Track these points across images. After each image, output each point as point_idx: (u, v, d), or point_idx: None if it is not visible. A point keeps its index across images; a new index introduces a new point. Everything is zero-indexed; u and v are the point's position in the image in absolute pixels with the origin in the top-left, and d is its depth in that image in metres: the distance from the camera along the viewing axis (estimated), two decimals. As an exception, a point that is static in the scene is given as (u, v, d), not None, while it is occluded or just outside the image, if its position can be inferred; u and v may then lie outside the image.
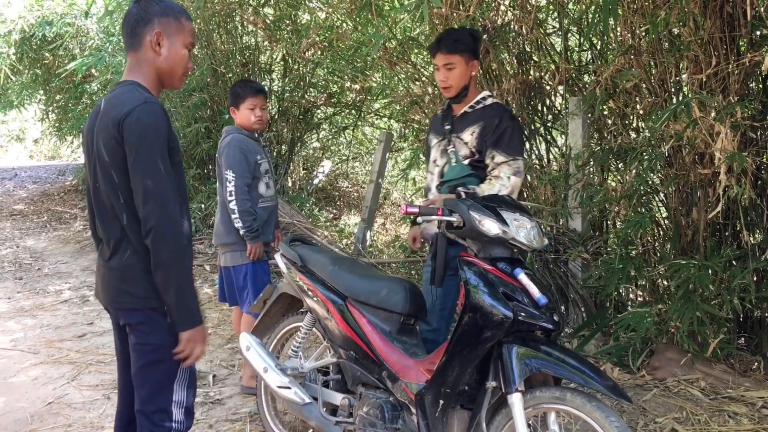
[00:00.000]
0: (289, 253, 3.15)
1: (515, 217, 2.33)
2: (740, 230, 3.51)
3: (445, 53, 2.91)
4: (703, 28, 3.34)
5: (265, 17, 6.66)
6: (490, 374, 2.28)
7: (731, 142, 3.07)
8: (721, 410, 3.29)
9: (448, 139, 3.04)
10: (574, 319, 4.46)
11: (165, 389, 2.14)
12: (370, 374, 2.71)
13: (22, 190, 13.98)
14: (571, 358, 2.16)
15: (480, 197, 2.52)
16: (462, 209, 2.35)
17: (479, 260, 2.36)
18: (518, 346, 2.20)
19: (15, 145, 20.01)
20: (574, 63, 4.48)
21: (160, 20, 2.08)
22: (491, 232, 2.29)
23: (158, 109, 2.02)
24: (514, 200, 2.54)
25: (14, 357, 4.53)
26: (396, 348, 2.69)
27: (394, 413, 2.59)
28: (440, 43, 2.92)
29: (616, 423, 2.04)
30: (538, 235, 2.37)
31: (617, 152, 4.04)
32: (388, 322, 2.77)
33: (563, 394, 2.15)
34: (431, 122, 3.16)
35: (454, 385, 2.35)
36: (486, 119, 2.99)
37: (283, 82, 7.69)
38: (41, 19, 7.68)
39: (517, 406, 2.15)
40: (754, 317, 3.80)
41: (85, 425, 3.49)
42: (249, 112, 3.66)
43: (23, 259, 7.69)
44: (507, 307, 2.21)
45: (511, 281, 2.29)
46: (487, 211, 2.33)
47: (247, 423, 3.43)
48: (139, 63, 2.12)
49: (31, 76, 10.44)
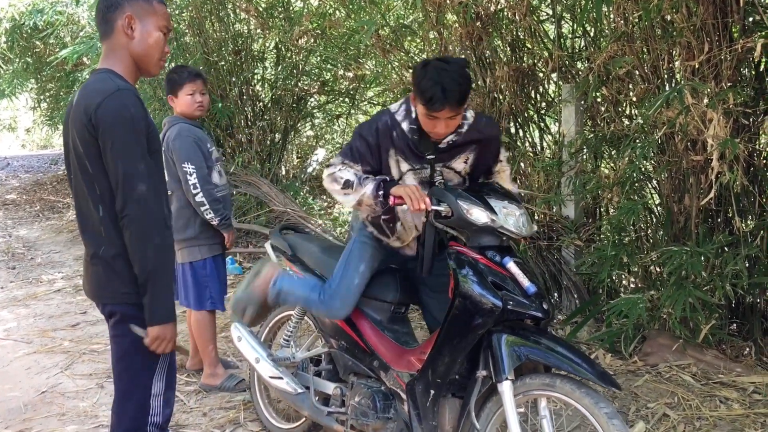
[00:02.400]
0: (279, 242, 3.13)
1: (504, 205, 2.30)
2: (732, 217, 3.52)
3: (455, 108, 2.30)
4: (695, 15, 3.33)
5: (257, 4, 6.61)
6: (481, 363, 2.27)
7: (724, 129, 3.06)
8: (713, 395, 3.31)
9: (431, 169, 2.52)
10: (567, 306, 4.47)
11: (143, 383, 2.13)
12: (362, 364, 2.71)
13: (14, 179, 13.91)
14: (561, 345, 2.17)
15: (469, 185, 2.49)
16: (450, 198, 2.31)
17: (468, 249, 2.34)
18: (508, 335, 2.21)
19: (7, 135, 19.86)
20: (567, 50, 4.47)
21: (130, 3, 2.04)
22: (480, 221, 2.27)
23: (132, 96, 1.98)
24: (502, 187, 2.51)
25: (7, 346, 4.53)
26: (387, 337, 2.69)
27: (385, 402, 2.59)
28: (447, 98, 2.25)
29: (606, 409, 2.04)
30: (527, 222, 2.35)
31: (610, 139, 4.04)
32: (379, 311, 2.77)
33: (553, 381, 2.15)
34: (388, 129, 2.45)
35: (445, 374, 2.35)
36: (479, 141, 2.54)
37: (275, 70, 7.65)
38: (32, 8, 7.61)
39: (507, 395, 2.15)
40: (746, 303, 3.82)
41: (79, 414, 3.49)
42: (189, 98, 3.50)
43: (16, 249, 7.66)
44: (496, 296, 2.21)
45: (501, 270, 2.27)
46: (475, 199, 2.30)
47: (241, 411, 3.44)
48: (113, 49, 2.07)
49: (22, 65, 10.36)
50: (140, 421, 2.14)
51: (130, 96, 1.98)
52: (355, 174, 2.46)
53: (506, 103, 4.49)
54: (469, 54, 4.65)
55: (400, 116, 2.47)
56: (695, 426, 3.07)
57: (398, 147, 2.46)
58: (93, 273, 2.12)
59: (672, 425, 3.08)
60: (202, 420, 3.39)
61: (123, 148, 1.94)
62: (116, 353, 2.15)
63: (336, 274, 2.70)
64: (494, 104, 4.57)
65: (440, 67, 2.27)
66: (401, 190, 2.33)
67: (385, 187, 2.39)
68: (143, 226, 1.96)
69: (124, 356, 2.13)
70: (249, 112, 7.61)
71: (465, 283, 2.27)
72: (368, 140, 2.46)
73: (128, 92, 1.98)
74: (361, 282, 2.66)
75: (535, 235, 4.42)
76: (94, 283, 2.13)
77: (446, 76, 2.24)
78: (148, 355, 2.09)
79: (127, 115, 1.95)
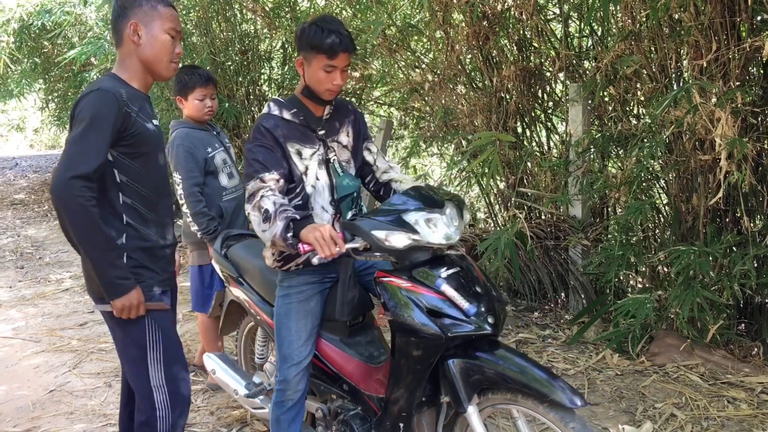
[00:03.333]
0: (222, 263, 3.00)
1: (424, 215, 2.13)
2: (740, 216, 3.50)
3: (350, 53, 2.37)
4: (703, 13, 3.32)
5: (264, 4, 6.62)
6: (441, 389, 2.19)
7: (732, 128, 3.05)
8: (720, 396, 3.30)
9: (325, 146, 2.49)
10: (574, 306, 4.47)
11: (140, 374, 2.22)
12: (333, 387, 2.61)
13: (22, 179, 13.98)
14: (518, 358, 2.05)
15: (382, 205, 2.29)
16: (362, 231, 2.13)
17: (396, 278, 2.17)
18: (462, 360, 2.08)
19: (15, 135, 19.99)
20: (574, 49, 4.46)
21: (135, 11, 2.13)
22: (400, 246, 2.09)
23: (109, 96, 2.03)
24: (422, 189, 2.28)
25: (16, 345, 4.55)
26: (349, 356, 2.54)
27: (364, 427, 2.48)
28: (343, 42, 2.33)
29: (572, 424, 1.92)
30: (456, 217, 2.18)
31: (617, 139, 4.02)
32: (336, 330, 2.58)
33: (514, 396, 2.04)
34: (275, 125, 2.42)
35: (408, 407, 2.23)
36: (348, 115, 2.61)
37: (282, 70, 7.65)
38: (40, 8, 7.64)
39: (475, 419, 2.08)
40: (755, 303, 3.80)
41: (87, 412, 3.50)
42: (198, 103, 3.43)
43: (24, 249, 7.70)
44: (435, 325, 2.06)
45: (436, 294, 2.10)
46: (388, 224, 2.10)
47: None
48: (123, 57, 2.17)
49: (30, 65, 10.41)
50: (148, 414, 2.22)
51: (107, 95, 2.02)
52: (273, 203, 2.25)
53: (513, 102, 4.49)
54: (476, 53, 4.65)
55: (276, 111, 2.46)
56: (703, 426, 3.05)
57: (291, 136, 2.43)
58: (84, 271, 2.24)
59: (679, 425, 3.07)
60: (209, 419, 3.40)
61: (78, 132, 1.99)
62: (117, 349, 2.29)
63: (276, 343, 2.54)
64: (501, 104, 4.57)
65: (326, 20, 2.35)
66: (311, 236, 2.10)
67: (294, 228, 2.17)
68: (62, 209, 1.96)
69: (122, 351, 2.25)
70: (256, 112, 7.62)
71: (399, 316, 2.12)
72: (265, 144, 2.37)
73: (107, 92, 2.02)
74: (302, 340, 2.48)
75: (542, 235, 4.42)
76: (87, 279, 2.23)
77: (336, 26, 2.33)
78: (137, 346, 2.19)
79: (98, 110, 2.00)
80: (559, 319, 4.46)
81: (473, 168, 4.56)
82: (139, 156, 2.13)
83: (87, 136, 1.97)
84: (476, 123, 4.78)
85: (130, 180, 2.13)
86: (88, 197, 1.94)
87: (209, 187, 3.46)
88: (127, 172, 2.12)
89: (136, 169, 2.14)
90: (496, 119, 4.58)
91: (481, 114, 4.69)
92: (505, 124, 4.57)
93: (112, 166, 2.09)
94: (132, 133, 2.08)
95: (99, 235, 1.99)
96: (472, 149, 4.46)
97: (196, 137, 3.44)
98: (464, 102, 4.83)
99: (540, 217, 4.63)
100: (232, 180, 3.54)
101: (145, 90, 2.21)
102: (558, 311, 4.59)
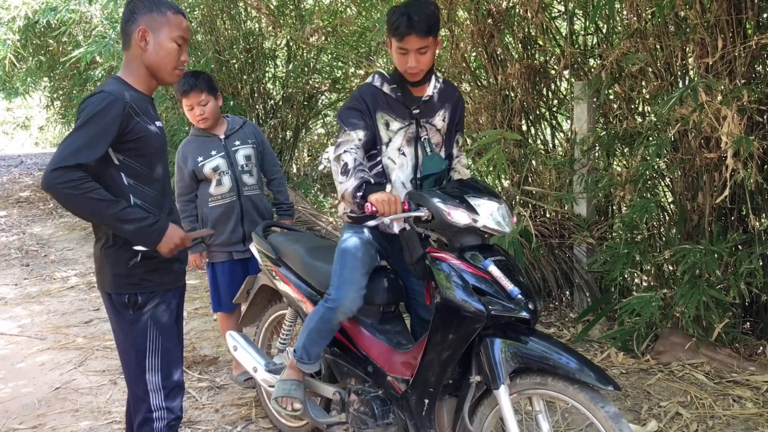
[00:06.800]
0: (263, 245, 3.05)
1: (483, 202, 2.22)
2: (746, 215, 3.49)
3: (422, 36, 2.39)
4: (709, 11, 3.31)
5: (268, 2, 6.62)
6: (473, 368, 2.22)
7: (738, 126, 3.04)
8: (726, 394, 3.29)
9: (417, 125, 2.58)
10: (579, 304, 4.46)
11: (138, 376, 2.22)
12: (356, 369, 2.65)
13: (28, 177, 14.02)
14: (553, 345, 2.11)
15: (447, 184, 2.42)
16: (429, 201, 2.22)
17: (447, 255, 2.25)
18: (500, 339, 2.14)
19: (20, 133, 20.03)
20: (579, 47, 4.45)
21: (144, 17, 2.14)
22: (461, 223, 2.18)
23: (111, 98, 2.04)
24: (480, 182, 2.41)
25: (21, 343, 4.57)
26: (379, 340, 2.61)
27: (383, 408, 2.52)
28: (413, 25, 2.37)
29: (601, 404, 1.99)
30: (508, 216, 2.26)
31: (623, 137, 4.02)
32: (369, 314, 2.67)
33: (545, 379, 2.09)
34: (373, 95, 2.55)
35: (437, 383, 2.30)
36: (450, 101, 2.67)
37: (287, 68, 7.66)
38: (45, 5, 7.65)
39: (504, 399, 2.10)
40: (760, 302, 3.79)
41: (92, 410, 3.51)
42: (189, 112, 3.40)
43: (30, 246, 7.73)
44: (479, 302, 2.12)
45: (483, 274, 2.17)
46: (454, 200, 2.21)
47: (253, 407, 3.45)
48: (129, 60, 2.20)
49: (35, 63, 10.43)
50: (145, 416, 2.23)
51: (110, 98, 2.04)
52: (354, 159, 2.41)
53: (518, 100, 4.48)
54: (480, 51, 4.64)
55: (378, 83, 2.58)
56: (708, 425, 3.05)
57: (385, 107, 2.55)
58: (96, 264, 2.26)
59: (685, 424, 3.06)
60: (214, 416, 3.41)
61: (75, 130, 2.01)
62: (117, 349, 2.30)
63: (336, 269, 2.60)
64: (506, 101, 4.56)
65: (409, 2, 2.42)
66: (377, 197, 2.23)
67: (366, 189, 2.31)
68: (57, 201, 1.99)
69: (122, 352, 2.26)
70: (260, 110, 7.64)
71: (446, 290, 2.19)
72: (359, 108, 2.51)
73: (110, 95, 2.05)
74: (363, 270, 2.55)
75: (546, 233, 4.41)
76: (96, 274, 2.26)
77: (412, 7, 2.38)
78: (135, 350, 2.20)
79: (98, 112, 2.01)
80: (564, 317, 4.46)
81: (479, 166, 4.55)
82: (144, 158, 2.15)
83: (77, 134, 1.99)
84: (481, 121, 4.78)
85: (138, 182, 2.15)
86: (72, 183, 1.94)
87: (198, 194, 3.50)
88: (133, 174, 2.14)
89: (142, 170, 2.16)
90: (500, 117, 4.57)
91: (485, 112, 4.69)
92: (510, 122, 4.56)
93: (119, 170, 2.12)
94: (135, 136, 2.10)
95: (102, 205, 1.99)
96: (477, 147, 4.46)
97: (193, 146, 3.46)
98: (469, 100, 4.82)
99: (545, 215, 4.63)
100: (220, 187, 3.45)
101: (149, 93, 2.23)
102: (563, 309, 4.58)
